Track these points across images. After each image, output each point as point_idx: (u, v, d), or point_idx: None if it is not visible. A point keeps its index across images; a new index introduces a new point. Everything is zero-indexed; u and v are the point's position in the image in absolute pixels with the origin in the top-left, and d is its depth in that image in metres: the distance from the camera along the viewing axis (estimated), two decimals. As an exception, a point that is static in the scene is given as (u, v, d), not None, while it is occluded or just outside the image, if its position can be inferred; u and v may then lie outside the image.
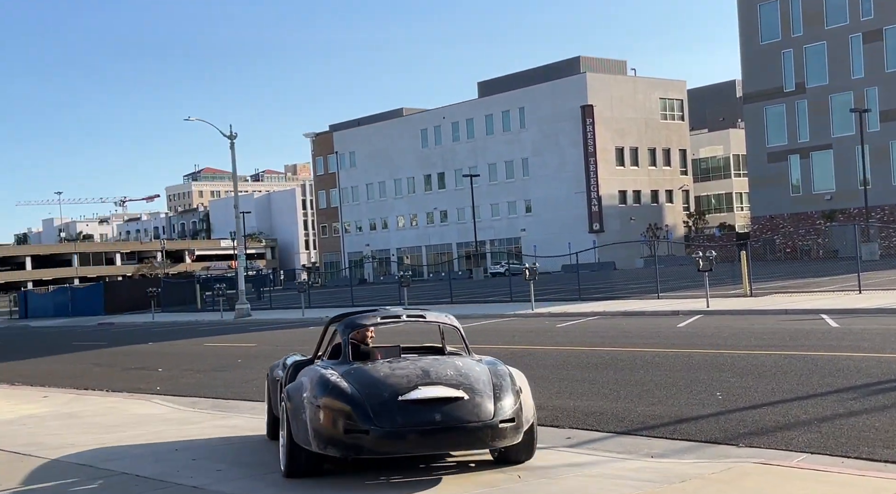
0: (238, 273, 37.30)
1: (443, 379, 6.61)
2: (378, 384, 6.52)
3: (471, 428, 6.39)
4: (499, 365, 7.20)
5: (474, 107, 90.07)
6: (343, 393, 6.44)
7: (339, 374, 6.71)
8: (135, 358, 19.89)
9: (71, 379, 16.52)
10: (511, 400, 6.70)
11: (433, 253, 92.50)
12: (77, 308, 52.76)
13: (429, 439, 6.38)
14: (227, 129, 37.82)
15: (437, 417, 6.32)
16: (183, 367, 17.05)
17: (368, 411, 6.29)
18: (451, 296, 34.27)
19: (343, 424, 6.29)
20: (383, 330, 9.71)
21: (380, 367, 6.84)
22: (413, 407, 6.34)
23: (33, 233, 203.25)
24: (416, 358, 7.22)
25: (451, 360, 7.10)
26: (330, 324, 7.97)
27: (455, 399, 6.42)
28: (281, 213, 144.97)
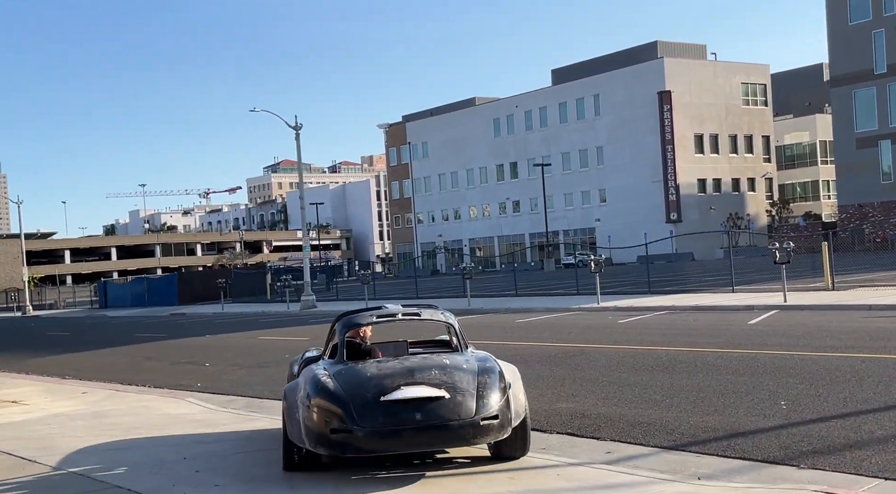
0: (304, 264, 37.22)
1: (426, 378, 6.75)
2: (363, 384, 6.70)
3: (451, 426, 6.53)
4: (488, 362, 7.24)
5: (548, 95, 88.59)
6: (331, 393, 6.66)
7: (331, 375, 6.91)
8: (187, 351, 19.75)
9: (118, 373, 16.39)
10: (496, 397, 6.78)
11: (505, 244, 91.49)
12: (153, 298, 53.85)
13: (410, 438, 6.53)
14: (295, 120, 37.68)
15: (417, 416, 6.48)
16: (230, 362, 16.74)
17: (353, 411, 6.49)
18: (515, 289, 33.41)
19: (330, 424, 6.50)
20: (402, 325, 9.67)
21: (368, 367, 7.01)
22: (395, 406, 6.51)
23: (120, 225, 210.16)
24: (405, 358, 7.35)
25: (440, 359, 7.19)
26: (335, 323, 7.96)
27: (436, 398, 6.57)
28: (355, 204, 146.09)
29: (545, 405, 9.88)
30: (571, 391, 10.65)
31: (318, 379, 6.87)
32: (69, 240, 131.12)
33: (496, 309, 27.09)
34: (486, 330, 19.34)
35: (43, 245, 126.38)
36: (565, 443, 8.09)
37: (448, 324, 7.92)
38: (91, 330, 33.54)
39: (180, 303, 50.74)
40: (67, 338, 28.20)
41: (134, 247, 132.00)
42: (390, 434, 6.48)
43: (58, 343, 26.19)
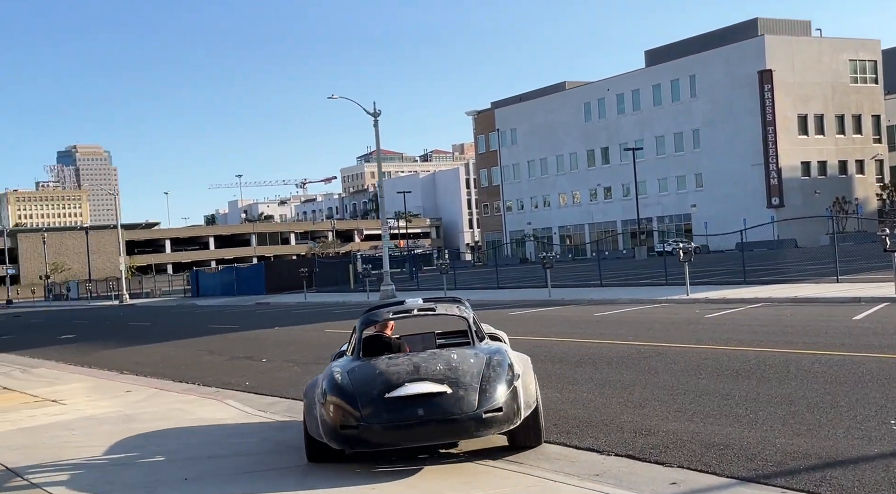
0: (383, 253, 36.54)
1: (430, 374, 6.97)
2: (371, 381, 7.00)
3: (453, 421, 6.72)
4: (497, 355, 7.39)
5: (641, 77, 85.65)
6: (342, 390, 7.00)
7: (344, 372, 7.26)
8: (251, 345, 19.19)
9: (175, 368, 15.91)
10: (501, 390, 6.93)
11: (597, 232, 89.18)
12: (241, 287, 54.41)
13: (414, 432, 6.75)
14: (373, 107, 36.97)
15: (420, 412, 6.70)
16: (287, 358, 16.01)
17: (359, 407, 6.79)
18: (600, 279, 31.85)
19: (340, 419, 6.81)
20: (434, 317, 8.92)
21: (379, 364, 7.28)
22: (399, 403, 6.75)
23: (220, 215, 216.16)
24: (414, 354, 7.64)
25: (448, 354, 7.42)
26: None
27: (438, 394, 6.77)
28: (445, 193, 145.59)
29: (607, 417, 8.63)
30: (640, 400, 9.34)
31: (332, 376, 7.25)
32: (170, 230, 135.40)
33: (577, 301, 25.70)
34: (559, 324, 18.07)
35: (145, 235, 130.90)
36: (623, 469, 6.86)
37: (463, 318, 8.17)
38: (171, 320, 33.75)
39: (267, 292, 51.04)
40: (145, 329, 28.29)
41: (231, 236, 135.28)
42: (395, 430, 6.72)
43: (135, 334, 26.23)
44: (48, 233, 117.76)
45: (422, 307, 8.20)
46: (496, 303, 27.82)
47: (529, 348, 13.97)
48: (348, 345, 8.28)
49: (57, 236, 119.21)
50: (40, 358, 20.12)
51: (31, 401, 12.10)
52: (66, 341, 25.40)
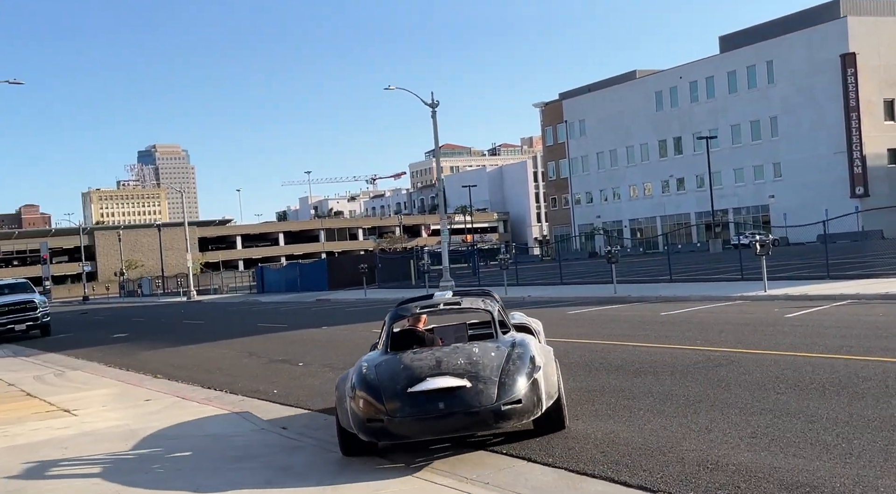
0: (442, 248, 35.41)
1: (451, 368, 7.19)
2: (396, 376, 7.24)
3: (473, 414, 6.92)
4: (518, 348, 7.55)
5: (715, 63, 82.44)
6: (368, 384, 7.25)
7: (372, 366, 7.51)
8: (294, 346, 18.25)
9: (210, 372, 15.06)
10: (521, 383, 7.13)
11: (669, 224, 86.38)
12: (305, 283, 54.05)
13: (435, 425, 6.96)
14: (431, 98, 35.87)
15: (440, 405, 6.92)
16: (325, 361, 14.98)
17: (384, 401, 7.04)
18: (670, 274, 30.05)
19: (366, 412, 7.07)
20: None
21: (404, 358, 7.52)
22: (420, 397, 6.98)
23: (291, 211, 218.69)
24: (438, 347, 7.88)
25: (470, 348, 7.60)
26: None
27: (458, 387, 6.98)
28: (513, 186, 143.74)
29: (666, 443, 7.25)
30: (706, 421, 7.91)
31: (360, 370, 7.52)
32: (241, 227, 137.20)
33: (645, 298, 24.07)
34: (621, 325, 16.59)
35: (217, 231, 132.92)
36: (681, 518, 5.50)
37: (487, 311, 8.36)
38: (226, 318, 33.24)
39: (330, 288, 50.53)
40: (196, 328, 27.75)
41: (300, 232, 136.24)
42: (417, 423, 6.94)
43: (185, 333, 25.69)
44: (124, 231, 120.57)
45: (448, 301, 8.53)
46: (557, 300, 26.39)
47: (584, 354, 12.66)
48: (380, 339, 8.52)
49: (132, 233, 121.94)
50: (84, 359, 19.63)
51: (44, 412, 11.34)
52: (117, 340, 25.02)
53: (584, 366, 11.60)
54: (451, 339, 8.77)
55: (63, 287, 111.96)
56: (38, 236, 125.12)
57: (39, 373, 16.54)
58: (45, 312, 29.23)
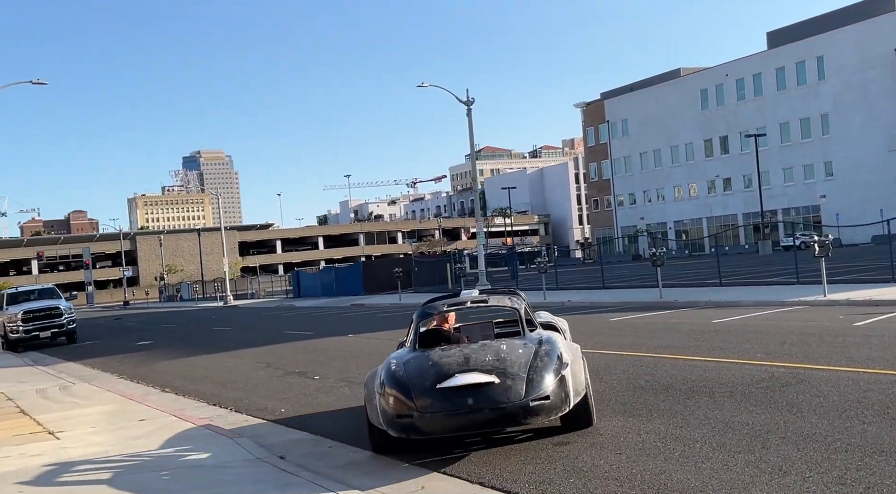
0: (478, 251, 34.08)
1: (479, 365, 7.28)
2: (424, 373, 7.36)
3: (501, 409, 6.97)
4: (545, 345, 7.61)
5: (762, 60, 79.96)
6: (398, 381, 7.38)
7: (400, 363, 7.64)
8: (314, 357, 17.08)
9: (219, 386, 13.97)
10: (549, 379, 7.17)
11: (715, 226, 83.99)
12: (341, 287, 53.10)
13: (464, 421, 7.03)
14: (466, 95, 34.63)
15: (469, 401, 6.98)
16: (343, 374, 13.78)
17: (413, 397, 7.14)
18: (719, 277, 28.34)
19: (396, 408, 7.18)
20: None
21: (432, 355, 7.60)
22: (449, 392, 7.06)
23: (331, 215, 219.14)
24: (466, 345, 7.91)
25: (498, 345, 7.73)
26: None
27: (486, 384, 7.05)
28: (553, 188, 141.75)
29: (729, 486, 5.88)
30: (779, 460, 6.48)
31: (389, 367, 7.61)
32: (280, 231, 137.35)
33: (694, 303, 22.49)
34: (669, 334, 15.10)
35: (257, 236, 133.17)
36: None
37: (514, 309, 8.44)
38: (255, 324, 32.27)
39: (366, 293, 49.50)
40: (223, 336, 26.78)
41: (339, 236, 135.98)
42: (446, 418, 6.97)
43: (209, 341, 24.72)
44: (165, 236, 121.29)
45: (475, 299, 8.59)
46: (598, 306, 24.92)
47: (628, 368, 11.25)
48: (407, 337, 8.58)
49: (173, 238, 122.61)
50: (99, 369, 18.73)
51: (28, 433, 10.29)
52: (140, 348, 24.14)
53: (629, 384, 10.20)
54: (478, 338, 8.69)
55: (105, 291, 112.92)
56: (83, 241, 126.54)
57: (45, 386, 15.61)
58: (70, 319, 28.52)
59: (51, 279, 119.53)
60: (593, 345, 14.00)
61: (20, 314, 27.52)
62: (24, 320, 27.46)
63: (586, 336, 15.51)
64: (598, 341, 14.51)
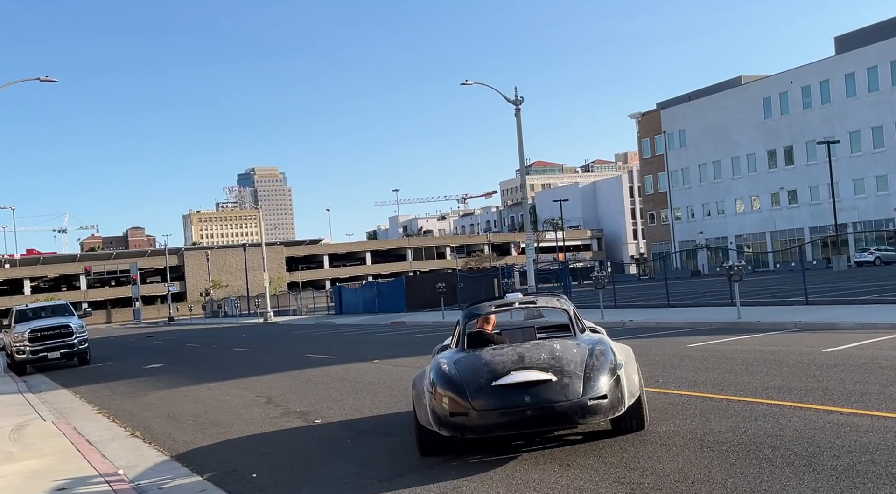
0: (527, 266, 30.97)
1: (535, 363, 7.21)
2: (478, 371, 7.25)
3: (559, 408, 6.88)
4: (599, 345, 7.54)
5: (831, 66, 75.49)
6: (450, 380, 7.26)
7: (451, 363, 7.56)
8: (325, 390, 14.11)
9: (202, 430, 11.15)
10: (605, 379, 7.07)
11: (779, 240, 79.51)
12: (383, 304, 50.40)
13: (520, 419, 6.90)
14: (515, 94, 31.71)
15: (526, 399, 6.90)
16: (352, 414, 10.85)
17: (467, 395, 7.03)
18: (805, 294, 24.77)
19: (449, 407, 7.06)
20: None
21: (484, 354, 7.54)
22: (505, 390, 6.97)
23: (381, 230, 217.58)
24: (518, 344, 7.85)
25: (551, 344, 7.65)
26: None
27: (544, 381, 6.98)
28: (607, 202, 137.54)
29: None
30: None
31: (439, 367, 7.55)
32: (327, 246, 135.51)
33: (780, 325, 19.08)
34: (771, 368, 11.78)
35: (305, 251, 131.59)
36: None
37: (563, 309, 8.41)
38: (281, 345, 29.49)
39: (409, 309, 46.69)
40: (241, 358, 24.05)
41: (387, 251, 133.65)
42: (502, 416, 6.90)
43: (222, 364, 22.03)
44: (213, 251, 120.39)
45: (523, 300, 8.68)
46: (667, 327, 21.62)
47: (737, 422, 7.56)
48: (452, 339, 8.61)
49: (220, 253, 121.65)
50: (84, 400, 16.16)
51: None
52: (146, 372, 21.54)
53: (744, 450, 7.00)
54: (519, 342, 8.26)
55: (153, 307, 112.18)
56: (134, 257, 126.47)
57: (4, 423, 12.98)
58: (82, 338, 26.10)
59: (99, 294, 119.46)
60: (677, 382, 10.83)
61: (27, 332, 25.22)
62: (31, 339, 25.14)
63: (663, 368, 12.32)
64: (682, 377, 11.32)
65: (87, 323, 27.52)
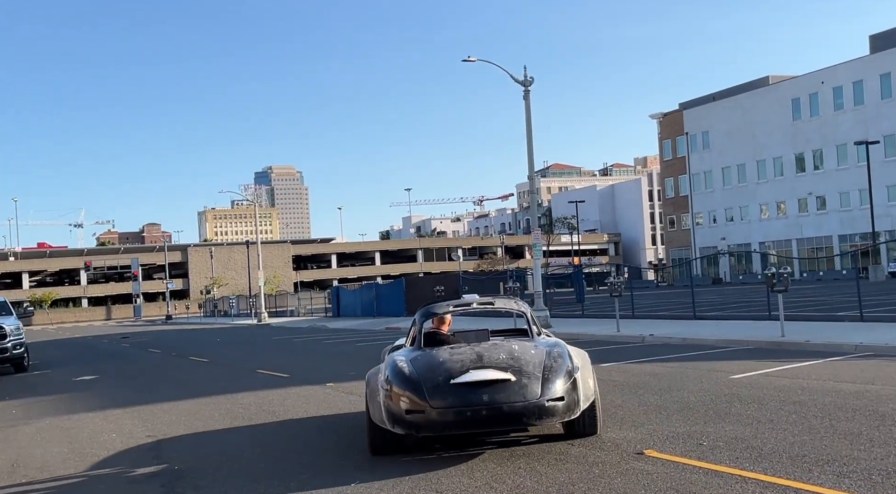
0: (534, 270, 27.30)
1: (494, 362, 7.16)
2: (435, 369, 7.17)
3: (517, 408, 6.84)
4: (556, 347, 7.58)
5: (864, 65, 71.35)
6: (406, 377, 7.15)
7: (407, 360, 7.45)
8: (232, 435, 10.51)
9: None
10: (562, 381, 7.07)
11: (806, 248, 75.45)
12: (381, 307, 46.86)
13: (477, 417, 6.82)
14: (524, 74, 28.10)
15: (484, 398, 6.84)
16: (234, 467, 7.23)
17: (424, 393, 6.94)
18: (859, 308, 20.95)
19: (405, 405, 6.96)
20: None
21: (441, 353, 7.47)
22: (463, 388, 6.91)
23: (394, 230, 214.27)
24: (476, 344, 7.77)
25: (509, 344, 7.65)
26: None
27: (502, 381, 6.94)
28: (625, 206, 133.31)
29: None
30: None
31: (396, 364, 7.42)
32: (336, 245, 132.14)
33: (836, 347, 15.38)
34: (864, 422, 7.94)
35: (312, 250, 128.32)
36: None
37: (520, 312, 8.63)
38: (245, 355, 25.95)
39: (408, 313, 43.07)
40: (183, 372, 20.47)
41: (397, 251, 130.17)
42: (459, 415, 6.81)
43: (158, 380, 18.45)
44: (217, 248, 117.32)
45: (480, 301, 8.60)
46: (696, 345, 17.93)
47: None
48: (406, 339, 8.58)
49: (225, 250, 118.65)
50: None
51: None
52: (69, 387, 17.97)
53: None
54: (476, 343, 7.97)
55: (155, 304, 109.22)
56: (142, 252, 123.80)
57: None
58: (17, 342, 22.58)
59: (99, 290, 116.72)
60: (731, 448, 7.11)
61: (-49, 335, 21.78)
62: (-46, 343, 21.69)
63: (705, 416, 8.60)
64: (739, 438, 7.53)
65: (82, 320, 24.04)
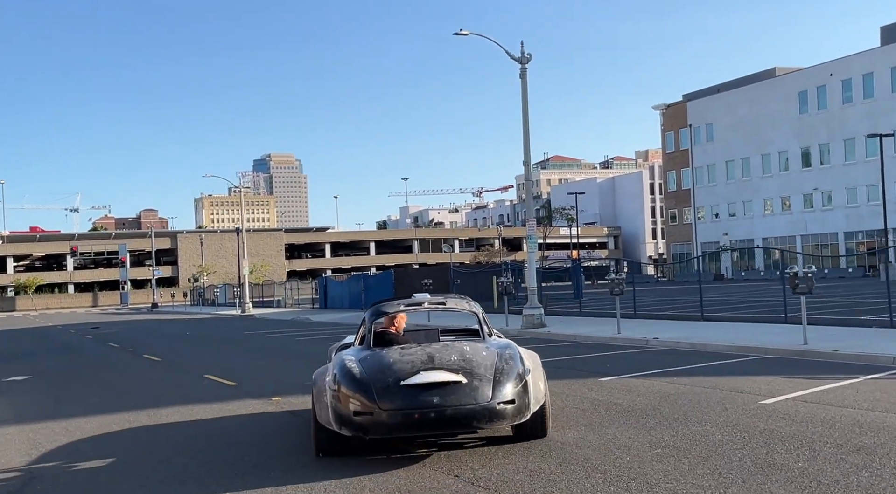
0: (528, 264, 25.11)
1: (445, 364, 7.07)
2: (385, 370, 7.04)
3: (468, 409, 6.76)
4: (508, 349, 7.52)
5: (875, 57, 69.07)
6: (354, 378, 7.00)
7: (356, 360, 7.30)
8: (118, 469, 8.37)
9: None
10: (513, 383, 7.02)
11: (810, 245, 73.28)
12: (369, 299, 44.55)
13: (427, 420, 6.70)
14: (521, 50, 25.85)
15: (435, 400, 6.73)
16: None
17: (374, 394, 6.80)
18: (890, 313, 18.78)
19: (353, 406, 6.81)
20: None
21: (392, 353, 7.34)
22: (413, 390, 6.79)
23: (391, 221, 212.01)
24: (427, 345, 7.68)
25: (461, 345, 7.53)
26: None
27: (453, 383, 6.85)
28: (625, 199, 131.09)
29: None
30: None
31: (344, 364, 7.25)
32: (330, 234, 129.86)
33: (872, 360, 13.28)
34: None
35: (305, 238, 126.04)
36: None
37: (472, 312, 8.36)
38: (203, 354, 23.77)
39: (396, 308, 40.94)
40: (127, 374, 18.17)
41: (392, 241, 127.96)
42: (409, 417, 6.67)
43: (93, 385, 16.21)
44: (208, 235, 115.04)
45: (432, 300, 8.39)
46: (707, 351, 15.78)
47: None
48: (355, 337, 8.38)
49: (216, 237, 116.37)
50: None
51: None
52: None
53: None
54: (426, 344, 7.89)
55: (143, 291, 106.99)
56: (131, 237, 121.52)
57: None
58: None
59: (86, 276, 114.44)
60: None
61: None
62: None
63: (741, 474, 6.40)
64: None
65: (67, 306, 21.90)
